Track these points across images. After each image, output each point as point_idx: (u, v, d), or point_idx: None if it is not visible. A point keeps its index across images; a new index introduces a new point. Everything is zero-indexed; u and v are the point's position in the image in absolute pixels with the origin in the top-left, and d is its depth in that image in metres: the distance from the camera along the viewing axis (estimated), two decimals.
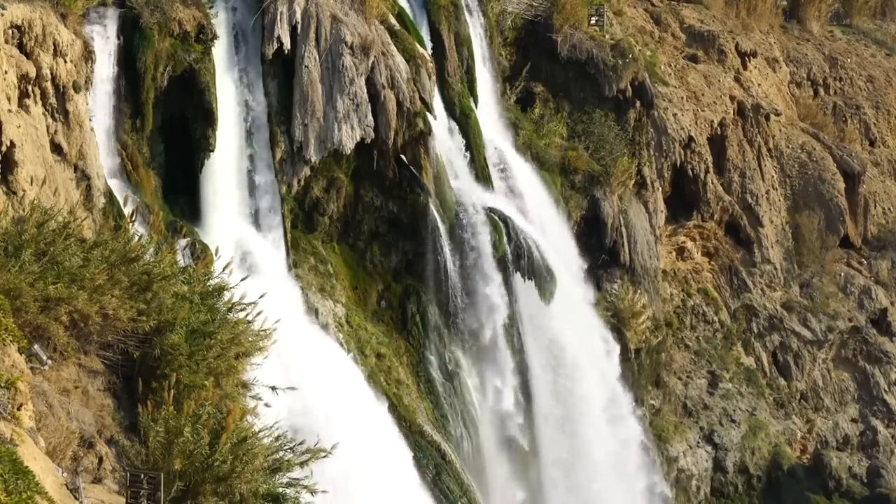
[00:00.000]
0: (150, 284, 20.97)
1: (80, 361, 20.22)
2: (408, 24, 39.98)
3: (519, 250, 39.60)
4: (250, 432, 19.36)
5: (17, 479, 14.21)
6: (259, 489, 19.05)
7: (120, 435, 19.67)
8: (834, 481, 49.52)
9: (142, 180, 32.55)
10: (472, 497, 36.42)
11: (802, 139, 55.88)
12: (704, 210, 50.37)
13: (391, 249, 38.30)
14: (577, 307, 42.32)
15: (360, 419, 32.41)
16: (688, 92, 50.92)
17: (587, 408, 41.42)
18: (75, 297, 19.61)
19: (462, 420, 38.11)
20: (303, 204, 36.66)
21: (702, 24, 55.72)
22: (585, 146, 45.62)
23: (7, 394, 16.07)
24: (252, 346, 21.76)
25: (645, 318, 45.50)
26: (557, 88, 46.73)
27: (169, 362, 20.18)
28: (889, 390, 53.07)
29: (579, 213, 44.70)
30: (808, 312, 52.52)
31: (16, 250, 19.72)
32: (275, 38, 35.25)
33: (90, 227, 25.47)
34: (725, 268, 51.67)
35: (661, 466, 45.59)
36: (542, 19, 46.56)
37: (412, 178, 37.64)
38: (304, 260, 36.39)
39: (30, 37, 27.71)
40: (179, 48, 33.23)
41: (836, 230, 54.44)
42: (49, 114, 28.49)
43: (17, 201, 25.58)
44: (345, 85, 36.07)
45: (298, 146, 35.73)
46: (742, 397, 49.23)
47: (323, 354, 33.85)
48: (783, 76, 58.56)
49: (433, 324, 38.21)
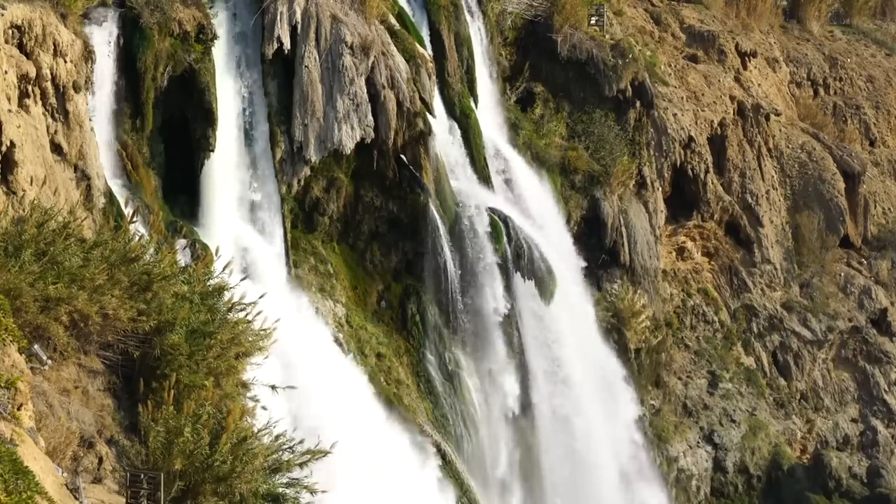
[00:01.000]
0: (150, 284, 20.97)
1: (80, 361, 20.22)
2: (408, 24, 39.98)
3: (519, 250, 39.60)
4: (250, 432, 19.37)
5: (17, 479, 14.21)
6: (259, 489, 19.06)
7: (120, 435, 19.67)
8: (834, 481, 49.51)
9: (142, 180, 32.54)
10: (472, 497, 36.43)
11: (802, 139, 55.88)
12: (704, 210, 50.37)
13: (391, 249, 38.30)
14: (577, 307, 42.31)
15: (360, 419, 32.42)
16: (688, 92, 50.92)
17: (587, 407, 41.41)
18: (75, 297, 19.61)
19: (462, 420, 38.11)
20: (303, 204, 36.66)
21: (702, 24, 55.71)
22: (585, 146, 45.62)
23: (7, 394, 16.07)
24: (252, 346, 21.77)
25: (645, 318, 45.50)
26: (557, 88, 46.73)
27: (169, 362, 20.19)
28: (889, 390, 53.06)
29: (579, 213, 44.70)
30: (808, 312, 52.51)
31: (16, 250, 19.72)
32: (275, 38, 35.25)
33: (90, 227, 25.46)
34: (725, 268, 51.66)
35: (661, 466, 45.60)
36: (542, 19, 46.56)
37: (412, 178, 37.63)
38: (304, 260, 36.39)
39: (30, 37, 27.70)
40: (179, 48, 33.23)
41: (836, 230, 54.43)
42: (49, 114, 28.48)
43: (17, 201, 25.57)
44: (345, 85, 36.07)
45: (298, 146, 35.73)
46: (742, 397, 49.23)
47: (323, 354, 33.85)
48: (783, 76, 58.56)
49: (433, 324, 38.21)
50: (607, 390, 42.75)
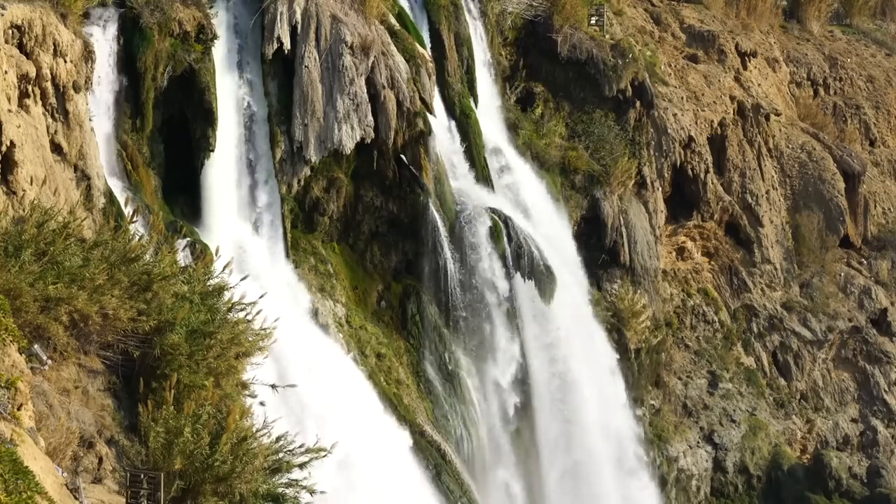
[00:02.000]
0: (150, 284, 20.98)
1: (80, 361, 20.23)
2: (408, 24, 39.98)
3: (519, 250, 39.59)
4: (250, 432, 19.38)
5: (17, 479, 14.21)
6: (259, 489, 19.08)
7: (120, 435, 19.68)
8: (834, 481, 49.50)
9: (142, 180, 32.55)
10: (471, 497, 36.43)
11: (802, 139, 55.88)
12: (704, 210, 50.36)
13: (391, 249, 38.30)
14: (576, 307, 42.31)
15: (360, 419, 32.41)
16: (688, 92, 50.91)
17: (587, 407, 41.42)
18: (75, 297, 19.62)
19: (462, 420, 38.12)
20: (303, 204, 36.66)
21: (702, 24, 55.71)
22: (585, 146, 45.61)
23: (7, 394, 16.07)
24: (252, 345, 21.77)
25: (645, 318, 45.49)
26: (557, 88, 46.72)
27: (169, 362, 20.20)
28: (889, 390, 53.06)
29: (579, 213, 44.70)
30: (808, 312, 52.52)
31: (16, 250, 19.73)
32: (275, 38, 35.25)
33: (90, 227, 25.47)
34: (725, 268, 51.66)
35: (662, 466, 45.61)
36: (542, 19, 46.55)
37: (412, 178, 37.63)
38: (304, 260, 36.39)
39: (30, 37, 27.69)
40: (179, 48, 33.23)
41: (836, 230, 54.44)
42: (49, 114, 28.47)
43: (17, 201, 25.56)
44: (345, 85, 36.07)
45: (298, 146, 35.72)
46: (742, 397, 49.22)
47: (323, 354, 33.85)
48: (783, 76, 58.56)
49: (433, 324, 38.21)
50: (607, 390, 42.74)
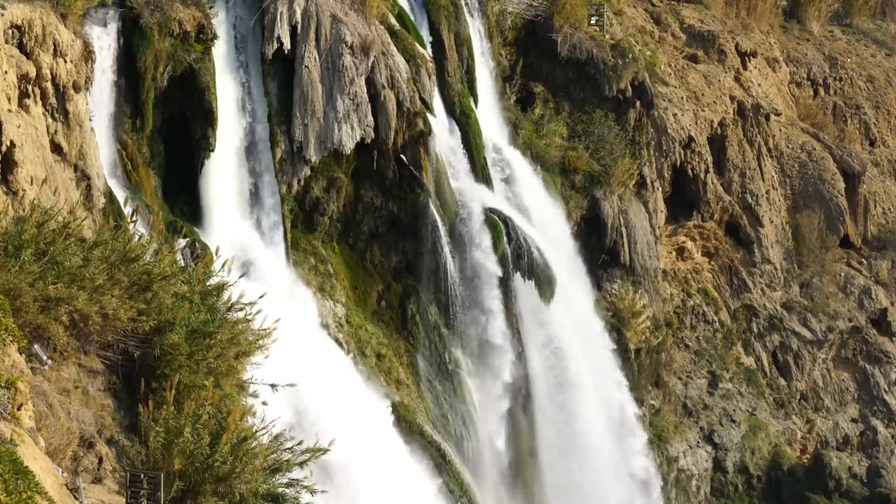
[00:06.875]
0: (150, 284, 20.98)
1: (80, 361, 20.22)
2: (408, 24, 39.98)
3: (519, 250, 39.59)
4: (250, 432, 19.38)
5: (17, 479, 14.21)
6: (259, 489, 19.07)
7: (120, 435, 19.67)
8: (834, 481, 49.50)
9: (142, 180, 32.55)
10: (471, 497, 36.44)
11: (802, 139, 55.88)
12: (704, 210, 50.36)
13: (391, 249, 38.31)
14: (576, 307, 42.32)
15: (360, 419, 32.40)
16: (688, 92, 50.92)
17: (586, 407, 41.42)
18: (75, 297, 19.61)
19: (462, 420, 38.12)
20: (303, 204, 36.67)
21: (702, 24, 55.71)
22: (585, 146, 45.60)
23: (7, 394, 16.07)
24: (252, 345, 21.77)
25: (645, 318, 45.49)
26: (557, 88, 46.72)
27: (169, 362, 20.19)
28: (889, 390, 53.07)
29: (579, 213, 44.69)
30: (808, 312, 52.52)
31: (16, 250, 19.72)
32: (275, 38, 35.25)
33: (90, 227, 25.47)
34: (725, 268, 51.66)
35: (662, 466, 45.60)
36: (542, 19, 46.54)
37: (412, 178, 37.64)
38: (304, 260, 36.39)
39: (30, 37, 27.69)
40: (179, 48, 33.24)
41: (836, 230, 54.45)
42: (49, 114, 28.47)
43: (17, 201, 25.56)
44: (345, 85, 36.07)
45: (298, 146, 35.73)
46: (742, 397, 49.23)
47: (322, 354, 33.85)
48: (783, 76, 58.56)
49: (433, 324, 38.21)
50: (607, 390, 42.75)
